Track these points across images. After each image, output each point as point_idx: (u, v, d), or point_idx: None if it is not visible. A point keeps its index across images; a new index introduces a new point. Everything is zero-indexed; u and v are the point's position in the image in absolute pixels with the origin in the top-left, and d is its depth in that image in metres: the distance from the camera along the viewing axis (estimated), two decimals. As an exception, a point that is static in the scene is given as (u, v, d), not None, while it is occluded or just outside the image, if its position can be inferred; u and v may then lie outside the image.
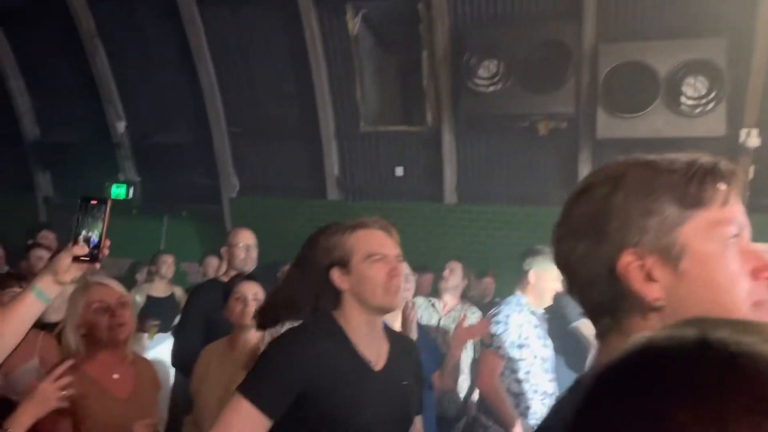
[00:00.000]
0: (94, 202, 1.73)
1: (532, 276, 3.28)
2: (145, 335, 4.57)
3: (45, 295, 1.62)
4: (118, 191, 7.81)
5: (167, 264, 5.56)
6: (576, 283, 0.84)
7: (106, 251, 1.69)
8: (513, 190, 6.67)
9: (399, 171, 7.16)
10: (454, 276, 4.66)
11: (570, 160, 6.26)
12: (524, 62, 5.71)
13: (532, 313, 3.30)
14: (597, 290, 0.81)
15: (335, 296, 1.74)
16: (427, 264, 6.19)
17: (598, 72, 5.65)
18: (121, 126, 7.89)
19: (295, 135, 7.40)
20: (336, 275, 1.74)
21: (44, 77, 8.16)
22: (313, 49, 6.87)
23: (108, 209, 1.73)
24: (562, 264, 0.86)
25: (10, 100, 8.30)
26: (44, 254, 4.07)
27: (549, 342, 3.35)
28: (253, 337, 2.88)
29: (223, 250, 3.78)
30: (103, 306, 2.28)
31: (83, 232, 1.70)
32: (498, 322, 3.25)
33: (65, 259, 1.65)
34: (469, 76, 5.94)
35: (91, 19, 7.57)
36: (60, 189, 8.63)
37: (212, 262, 5.92)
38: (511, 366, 3.21)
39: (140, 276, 6.49)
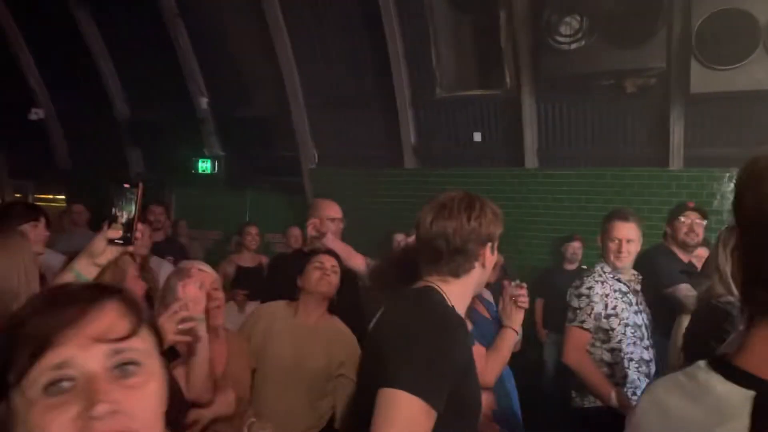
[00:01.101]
0: (127, 185, 1.75)
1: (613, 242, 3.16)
2: (235, 306, 4.74)
3: (83, 276, 1.67)
4: (203, 166, 8.11)
5: (252, 235, 5.72)
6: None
7: (139, 234, 1.74)
8: (598, 152, 6.39)
9: (477, 136, 7.01)
10: None
11: (661, 118, 5.92)
12: (608, 15, 5.39)
13: (618, 280, 3.18)
14: None
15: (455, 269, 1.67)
16: (507, 231, 6.05)
17: (690, 21, 5.26)
18: (204, 102, 8.15)
19: (371, 104, 7.39)
20: (487, 252, 1.69)
21: (132, 58, 8.53)
22: (388, 17, 6.79)
23: (140, 192, 1.74)
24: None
25: (102, 81, 8.74)
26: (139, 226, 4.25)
27: (643, 308, 3.22)
28: (321, 307, 2.95)
29: (308, 222, 3.82)
30: None
31: (117, 215, 1.73)
32: (580, 296, 3.16)
33: (100, 242, 1.69)
34: (549, 34, 5.68)
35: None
36: (150, 164, 9.06)
37: (294, 232, 6.04)
38: (601, 337, 3.12)
39: (231, 247, 6.74)
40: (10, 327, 0.74)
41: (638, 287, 3.28)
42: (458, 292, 1.66)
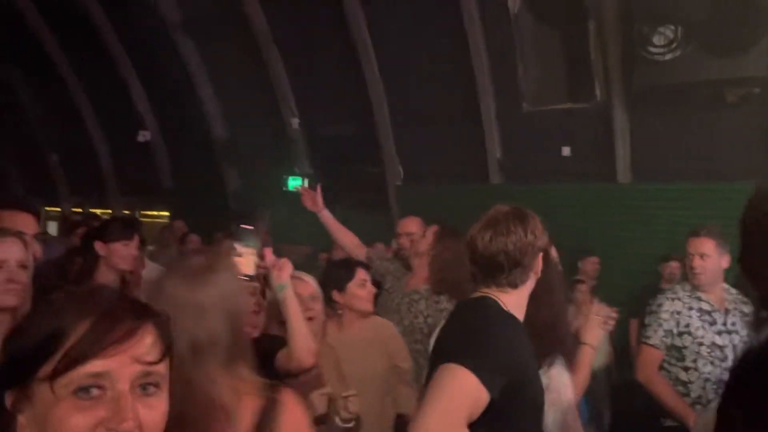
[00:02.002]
0: (247, 225, 1.92)
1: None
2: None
3: None
4: (294, 183, 8.41)
5: (339, 251, 5.86)
6: None
7: (262, 270, 1.86)
8: (696, 165, 6.08)
9: (566, 151, 6.86)
10: None
11: (763, 129, 5.56)
12: (705, 24, 5.15)
13: (699, 298, 3.05)
14: None
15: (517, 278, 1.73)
16: (595, 248, 5.88)
17: (798, 26, 4.93)
18: (294, 122, 8.48)
19: (456, 120, 7.41)
20: (540, 262, 1.76)
21: (228, 82, 9.02)
22: (472, 32, 6.82)
23: (263, 232, 1.92)
24: None
25: (201, 105, 9.30)
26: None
27: (737, 329, 3.05)
28: (363, 317, 2.94)
29: (398, 237, 3.91)
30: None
31: (242, 253, 1.89)
32: (650, 313, 3.12)
33: None
34: (642, 45, 5.50)
35: (267, 26, 8.21)
36: (245, 182, 9.50)
37: (379, 248, 6.13)
38: (675, 355, 3.05)
39: (319, 262, 6.94)
40: (57, 320, 0.81)
41: (742, 307, 3.10)
42: (516, 302, 1.73)
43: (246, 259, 1.89)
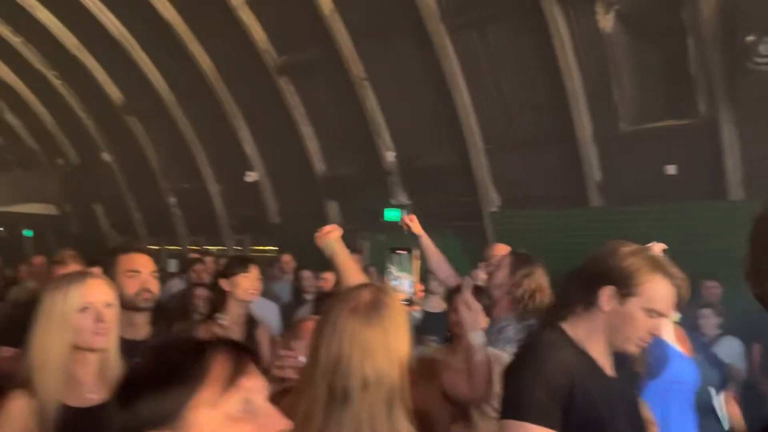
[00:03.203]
0: (401, 251, 1.96)
1: None
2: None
3: None
4: (392, 215, 8.62)
5: (438, 281, 5.93)
6: None
7: (420, 294, 1.92)
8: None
9: (670, 169, 6.58)
10: None
11: None
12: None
13: None
14: None
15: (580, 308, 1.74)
16: (712, 270, 5.55)
17: None
18: (390, 155, 8.73)
19: (549, 144, 7.35)
20: (606, 296, 1.70)
21: (327, 121, 9.47)
22: (563, 54, 6.78)
23: (414, 257, 1.93)
24: None
25: (302, 143, 9.79)
26: (330, 276, 4.67)
27: None
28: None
29: (482, 265, 3.94)
30: None
31: (395, 279, 1.93)
32: None
33: None
34: (747, 56, 5.26)
35: (360, 65, 8.57)
36: (345, 215, 9.84)
37: (477, 276, 6.15)
38: None
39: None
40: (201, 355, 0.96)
41: None
42: (585, 332, 1.72)
43: (403, 284, 1.94)
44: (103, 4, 10.81)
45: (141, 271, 2.43)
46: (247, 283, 3.05)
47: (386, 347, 1.39)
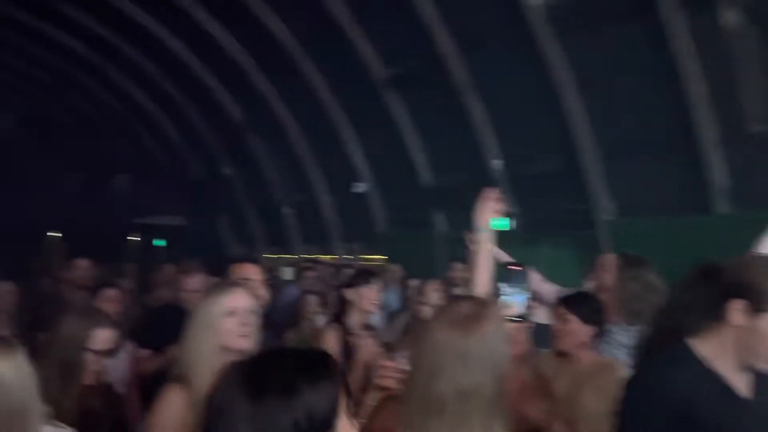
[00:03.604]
0: (514, 267, 1.96)
1: None
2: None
3: None
4: (500, 224, 8.51)
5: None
6: None
7: (534, 310, 1.91)
8: None
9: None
10: None
11: None
12: None
13: None
14: None
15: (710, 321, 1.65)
16: None
17: None
18: (496, 163, 8.64)
19: (668, 148, 6.95)
20: (736, 311, 1.60)
21: (433, 131, 9.54)
22: (682, 54, 6.40)
23: (529, 273, 1.94)
24: None
25: (409, 153, 9.93)
26: (439, 286, 4.64)
27: None
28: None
29: (591, 275, 3.81)
30: None
31: (508, 294, 1.94)
32: None
33: None
34: None
35: (466, 73, 8.58)
36: (452, 225, 9.84)
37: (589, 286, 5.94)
38: None
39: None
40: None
41: None
42: (714, 349, 1.63)
43: (515, 301, 1.96)
44: (224, 28, 11.60)
45: (251, 279, 2.61)
46: (370, 295, 3.20)
47: (484, 359, 1.40)
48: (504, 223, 8.28)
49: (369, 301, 3.22)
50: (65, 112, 17.86)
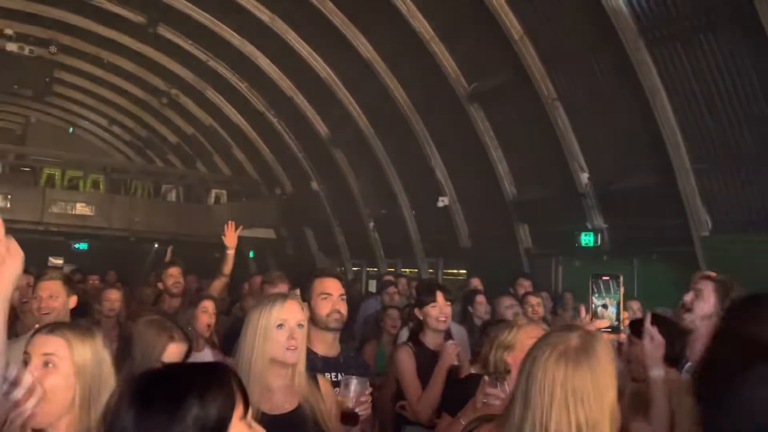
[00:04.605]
0: (605, 277, 1.93)
1: None
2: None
3: None
4: (586, 239, 8.24)
5: (633, 310, 5.54)
6: None
7: (626, 322, 1.86)
8: None
9: None
10: None
11: None
12: None
13: None
14: None
15: None
16: None
17: None
18: (584, 177, 8.38)
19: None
20: None
21: (517, 144, 9.40)
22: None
23: (621, 283, 1.89)
24: None
25: (492, 167, 9.82)
26: (512, 302, 4.56)
27: None
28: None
29: (687, 294, 3.61)
30: None
31: (600, 306, 1.91)
32: None
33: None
34: None
35: (551, 86, 8.41)
36: (537, 240, 9.62)
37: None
38: None
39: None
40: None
41: None
42: None
43: (608, 311, 1.93)
44: (312, 49, 12.01)
45: (332, 294, 2.66)
46: (435, 313, 3.20)
47: (597, 392, 1.36)
48: (590, 239, 8.10)
49: (435, 319, 3.21)
50: (169, 131, 19.06)
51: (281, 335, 2.06)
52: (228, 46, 13.01)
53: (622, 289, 1.86)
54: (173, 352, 2.34)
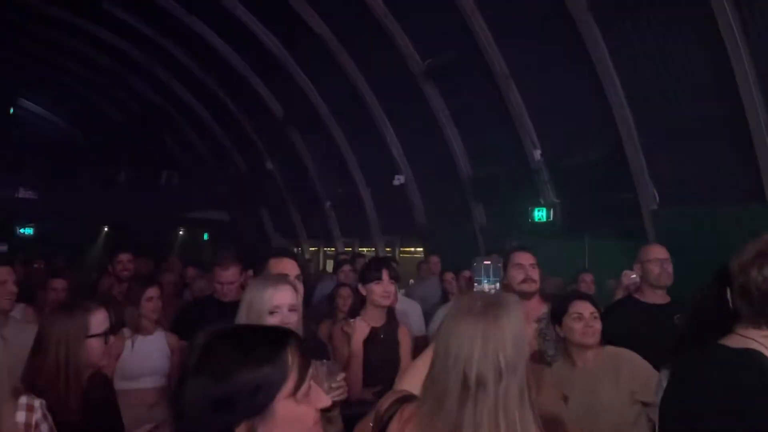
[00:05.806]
0: (487, 261, 1.96)
1: None
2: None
3: None
4: (539, 215, 8.36)
5: (586, 282, 5.66)
6: None
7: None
8: None
9: None
10: None
11: None
12: None
13: None
14: None
15: None
16: None
17: None
18: (537, 153, 8.47)
19: (717, 135, 6.66)
20: None
21: (471, 121, 9.43)
22: (731, 36, 6.11)
23: (502, 268, 1.96)
24: None
25: (447, 145, 9.85)
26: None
27: None
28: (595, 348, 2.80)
29: (636, 266, 3.70)
30: None
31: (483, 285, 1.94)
32: None
33: None
34: None
35: (504, 63, 8.44)
36: (491, 216, 9.72)
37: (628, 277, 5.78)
38: None
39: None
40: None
41: None
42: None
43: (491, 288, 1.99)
44: (263, 25, 11.73)
45: (288, 274, 2.61)
46: (379, 290, 3.15)
47: (514, 339, 1.46)
48: (542, 214, 8.20)
49: (379, 296, 3.13)
50: (116, 111, 18.45)
51: (274, 320, 2.06)
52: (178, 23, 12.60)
53: (502, 273, 1.94)
54: (97, 321, 2.18)
